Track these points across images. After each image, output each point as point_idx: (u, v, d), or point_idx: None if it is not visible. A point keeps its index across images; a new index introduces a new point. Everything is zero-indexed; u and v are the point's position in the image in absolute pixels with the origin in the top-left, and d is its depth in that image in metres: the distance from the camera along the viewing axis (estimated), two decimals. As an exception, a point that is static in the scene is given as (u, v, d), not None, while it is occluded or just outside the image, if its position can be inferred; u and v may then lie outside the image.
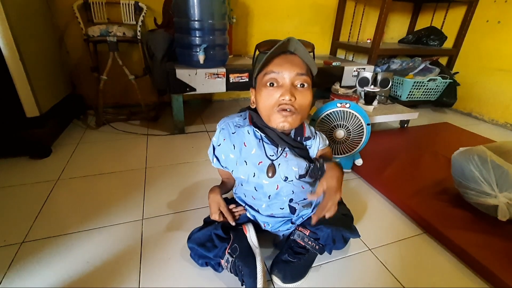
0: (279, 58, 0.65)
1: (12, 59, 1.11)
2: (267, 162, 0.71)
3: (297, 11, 2.14)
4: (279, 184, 0.73)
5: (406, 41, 2.49)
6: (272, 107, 0.65)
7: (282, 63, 0.64)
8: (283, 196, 0.75)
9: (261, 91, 0.66)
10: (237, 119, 0.75)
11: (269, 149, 0.72)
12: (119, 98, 1.91)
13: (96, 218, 0.92)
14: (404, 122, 1.77)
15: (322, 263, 0.80)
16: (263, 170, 0.71)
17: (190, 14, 1.35)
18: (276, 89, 0.64)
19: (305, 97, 0.65)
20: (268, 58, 0.64)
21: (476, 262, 0.80)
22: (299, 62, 0.65)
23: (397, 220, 1.00)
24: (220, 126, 0.75)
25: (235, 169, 0.74)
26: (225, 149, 0.74)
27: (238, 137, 0.73)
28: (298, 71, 0.64)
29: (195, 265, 0.76)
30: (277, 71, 0.63)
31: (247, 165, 0.72)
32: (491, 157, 0.91)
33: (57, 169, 1.18)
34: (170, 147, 1.44)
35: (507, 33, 1.94)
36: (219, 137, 0.74)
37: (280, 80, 0.64)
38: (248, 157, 0.72)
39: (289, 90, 0.63)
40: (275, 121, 0.66)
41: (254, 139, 0.72)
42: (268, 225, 0.80)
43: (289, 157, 0.72)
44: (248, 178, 0.73)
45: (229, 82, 1.53)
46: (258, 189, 0.75)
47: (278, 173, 0.71)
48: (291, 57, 0.65)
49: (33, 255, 0.78)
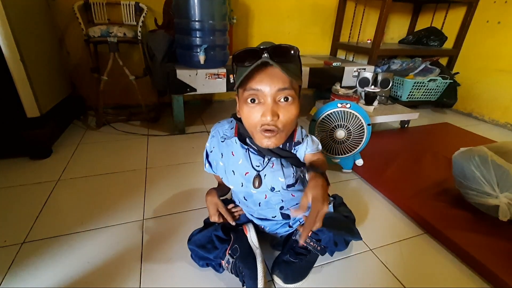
0: (258, 72, 0.57)
1: (12, 60, 1.11)
2: (253, 173, 0.69)
3: (298, 11, 2.14)
4: (266, 194, 0.72)
5: (406, 41, 2.49)
6: (254, 126, 0.60)
7: (262, 78, 0.57)
8: (273, 204, 0.74)
9: (243, 106, 0.61)
10: (226, 126, 0.73)
11: (255, 160, 0.69)
12: (120, 98, 1.91)
13: (96, 219, 0.92)
14: (405, 122, 1.77)
15: (323, 264, 0.80)
16: (250, 180, 0.69)
17: (190, 14, 1.35)
18: (257, 107, 0.59)
19: (289, 112, 0.59)
20: (245, 75, 0.57)
21: (477, 263, 0.80)
22: (281, 75, 0.57)
23: (397, 221, 1.00)
24: (211, 133, 0.74)
25: (224, 177, 0.73)
26: (215, 156, 0.74)
27: (226, 146, 0.71)
28: (280, 86, 0.57)
29: (196, 265, 0.76)
30: (256, 87, 0.57)
31: (234, 175, 0.70)
32: (492, 157, 0.91)
33: (58, 170, 1.18)
34: (170, 148, 1.44)
35: (507, 33, 1.94)
36: (211, 144, 0.74)
37: (261, 97, 0.58)
38: (236, 166, 0.70)
39: (270, 110, 0.57)
40: (259, 140, 0.62)
41: (241, 149, 0.69)
42: (265, 227, 0.80)
43: (276, 167, 0.69)
44: (236, 187, 0.72)
45: (229, 82, 1.53)
46: (247, 198, 0.75)
47: (264, 184, 0.69)
48: (272, 70, 0.57)
49: (34, 255, 0.78)
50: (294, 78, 0.58)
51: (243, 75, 0.57)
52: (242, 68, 0.58)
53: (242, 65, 0.58)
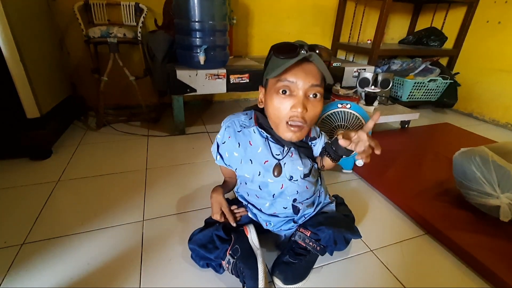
0: (295, 66, 0.61)
1: (12, 60, 1.11)
2: (273, 162, 0.71)
3: (298, 12, 2.14)
4: (284, 183, 0.72)
5: (407, 41, 2.49)
6: (282, 118, 0.63)
7: (297, 72, 0.60)
8: (287, 195, 0.75)
9: (272, 96, 0.63)
10: (243, 117, 0.75)
11: (275, 149, 0.71)
12: (120, 99, 1.92)
13: (96, 220, 0.92)
14: (405, 122, 1.77)
15: (323, 264, 0.80)
16: (269, 169, 0.71)
17: (190, 15, 1.35)
18: (288, 98, 0.62)
19: (316, 108, 0.63)
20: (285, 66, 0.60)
21: (478, 263, 0.80)
22: (315, 72, 0.62)
23: (398, 221, 1.00)
24: (225, 124, 0.74)
25: (239, 167, 0.74)
26: (229, 147, 0.74)
27: (243, 136, 0.72)
28: (313, 82, 0.61)
29: (196, 266, 0.76)
30: (292, 79, 0.60)
31: (252, 164, 0.72)
32: (493, 157, 0.91)
33: (58, 170, 1.18)
34: (170, 148, 1.44)
35: (508, 33, 1.93)
36: (224, 135, 0.74)
37: (293, 89, 0.61)
38: (254, 156, 0.72)
39: (301, 102, 0.61)
40: (283, 133, 0.65)
41: (260, 138, 0.71)
42: (270, 224, 0.80)
43: (295, 156, 0.72)
44: (253, 177, 0.73)
45: (229, 83, 1.53)
46: (262, 188, 0.75)
47: (284, 173, 0.71)
48: (307, 66, 0.61)
49: (34, 256, 0.78)
50: (328, 77, 0.62)
51: (281, 66, 0.59)
52: (279, 60, 0.61)
53: (279, 57, 0.62)
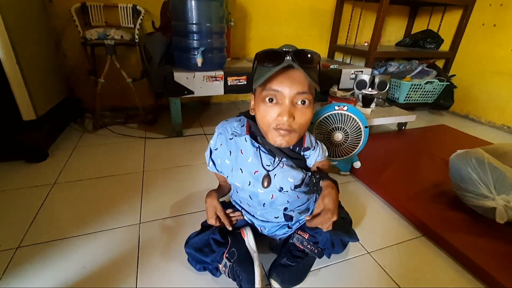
0: (279, 74, 0.58)
1: (8, 62, 1.10)
2: (263, 172, 0.70)
3: (295, 14, 2.15)
4: (274, 193, 0.71)
5: (403, 44, 2.51)
6: (269, 124, 0.61)
7: (283, 80, 0.58)
8: (278, 205, 0.74)
9: (259, 105, 0.62)
10: (235, 124, 0.73)
11: (266, 159, 0.70)
12: (117, 101, 1.91)
13: (92, 223, 0.91)
14: (402, 124, 1.78)
15: (320, 267, 0.80)
16: (259, 179, 0.70)
17: (188, 17, 1.35)
18: (274, 106, 0.60)
19: (304, 115, 0.61)
20: (268, 75, 0.58)
21: (474, 265, 0.80)
22: (301, 79, 0.58)
23: (395, 223, 1.00)
24: (218, 130, 0.73)
25: (230, 175, 0.73)
26: (221, 154, 0.73)
27: (235, 144, 0.71)
28: (299, 89, 0.58)
29: (193, 270, 0.76)
30: (277, 88, 0.58)
31: (242, 173, 0.70)
32: (489, 159, 0.92)
33: (54, 173, 1.17)
34: (168, 151, 1.43)
35: (503, 36, 1.95)
36: (217, 142, 0.73)
37: (279, 98, 0.59)
38: (244, 165, 0.70)
39: (288, 111, 0.58)
40: (272, 138, 0.63)
41: (251, 147, 0.70)
42: (264, 229, 0.80)
43: (286, 168, 0.70)
44: (244, 185, 0.72)
45: (227, 85, 1.53)
46: (252, 197, 0.74)
47: (273, 184, 0.70)
48: (293, 72, 0.58)
49: (29, 260, 0.77)
50: (314, 83, 0.59)
51: (265, 75, 0.57)
52: (264, 68, 0.59)
53: (264, 65, 0.59)
